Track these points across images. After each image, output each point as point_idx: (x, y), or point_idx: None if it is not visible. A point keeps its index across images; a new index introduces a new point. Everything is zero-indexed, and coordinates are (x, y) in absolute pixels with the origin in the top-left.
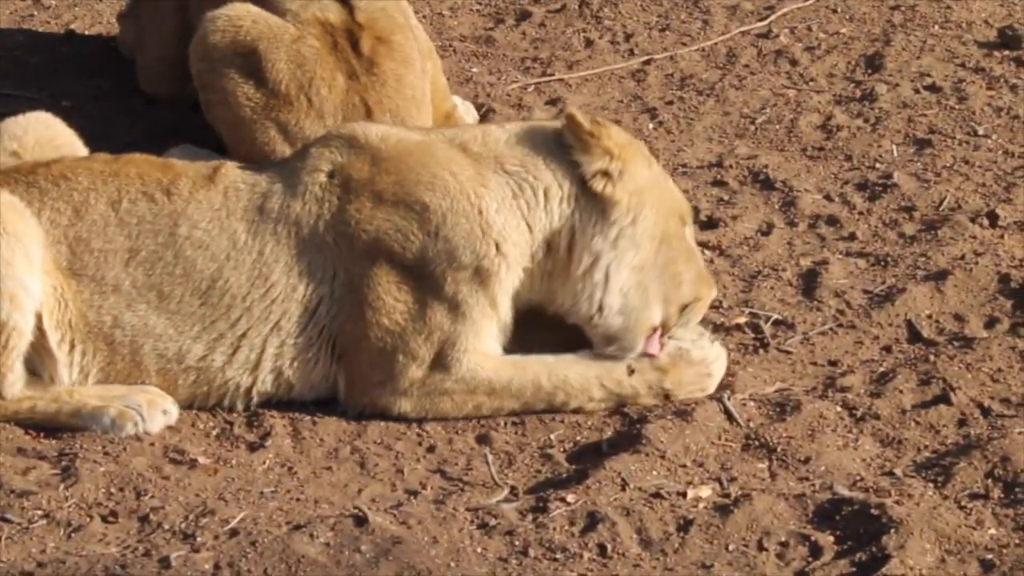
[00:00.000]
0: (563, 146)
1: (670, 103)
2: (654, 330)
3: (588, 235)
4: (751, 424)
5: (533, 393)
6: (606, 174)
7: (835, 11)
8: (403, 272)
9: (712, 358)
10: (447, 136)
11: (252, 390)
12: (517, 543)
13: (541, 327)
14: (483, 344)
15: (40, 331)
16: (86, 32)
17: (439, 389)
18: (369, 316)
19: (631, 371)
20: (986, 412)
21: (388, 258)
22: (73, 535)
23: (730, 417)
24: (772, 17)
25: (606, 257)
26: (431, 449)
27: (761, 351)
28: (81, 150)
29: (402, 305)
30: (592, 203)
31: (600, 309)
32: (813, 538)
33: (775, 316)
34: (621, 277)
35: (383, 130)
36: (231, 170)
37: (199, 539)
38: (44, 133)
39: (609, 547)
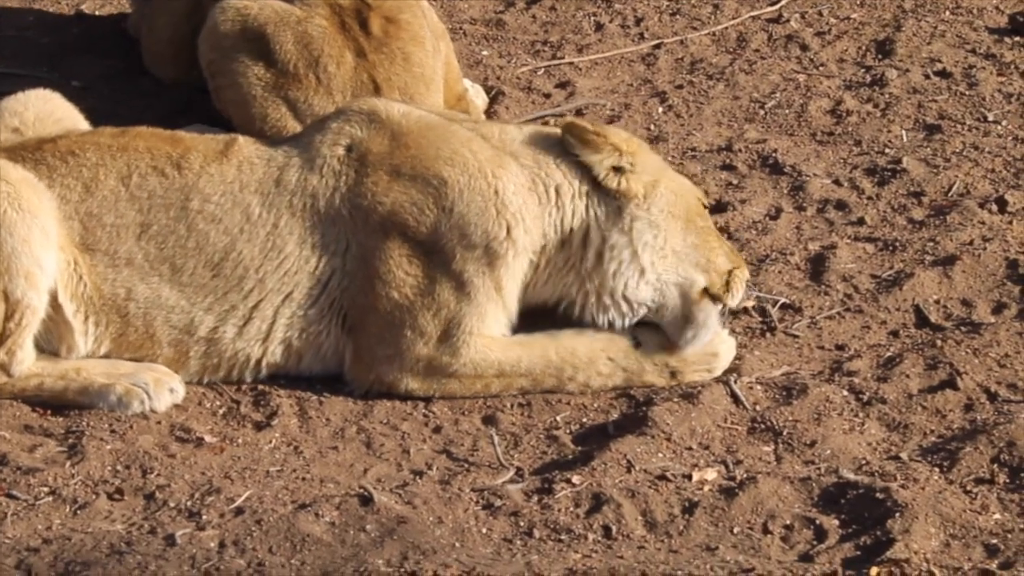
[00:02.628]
0: (568, 151)
1: (680, 87)
2: (704, 293)
3: (606, 229)
4: (757, 407)
5: (542, 369)
6: (618, 169)
7: None
8: (415, 246)
9: (719, 339)
10: (467, 123)
11: (262, 362)
12: (522, 524)
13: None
14: (488, 328)
15: (55, 304)
16: (96, 13)
17: (447, 371)
18: (379, 289)
19: (636, 343)
20: (993, 397)
21: (401, 232)
22: (79, 512)
23: (736, 400)
24: (783, 2)
25: (627, 248)
26: (437, 430)
27: (768, 335)
28: (82, 124)
29: (412, 279)
30: (606, 198)
31: (637, 298)
32: (818, 521)
33: (782, 300)
34: (649, 262)
35: (405, 107)
36: (245, 145)
37: (204, 517)
38: (44, 108)
39: (614, 528)
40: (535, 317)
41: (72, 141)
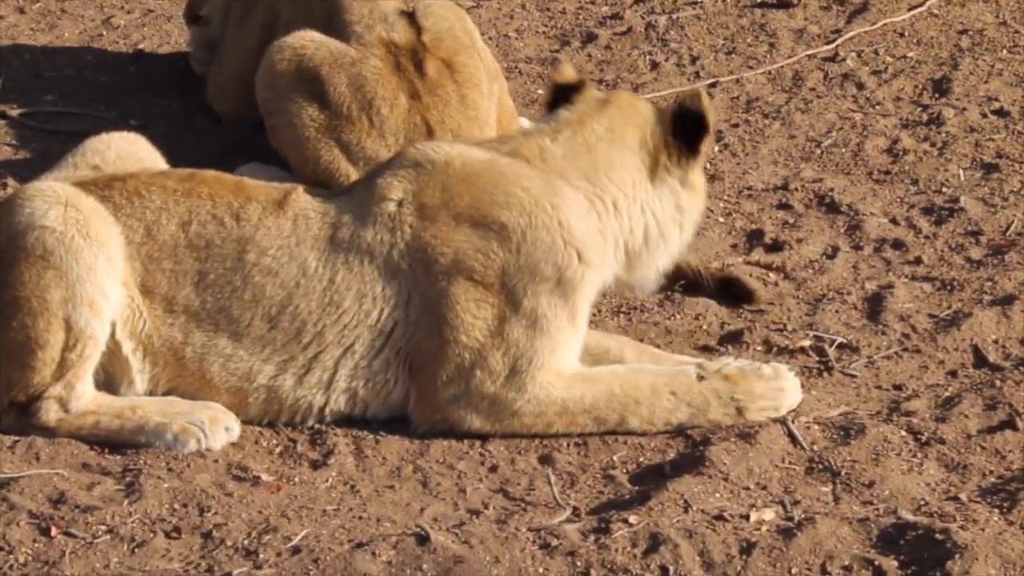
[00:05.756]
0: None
1: (736, 126)
2: None
3: (663, 224)
4: (815, 447)
5: (606, 404)
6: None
7: (902, 35)
8: (484, 290)
9: (785, 376)
10: (506, 153)
11: (325, 409)
12: (579, 564)
13: None
14: (559, 360)
15: (114, 340)
16: (155, 51)
17: (510, 409)
18: (448, 334)
19: (700, 377)
20: None
21: (468, 277)
22: (136, 550)
23: (794, 440)
24: (839, 40)
25: (678, 235)
26: (493, 469)
27: (825, 374)
28: (163, 167)
29: (481, 322)
30: (665, 199)
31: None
32: (877, 563)
33: (840, 339)
34: (688, 237)
35: (444, 153)
36: (301, 196)
37: (261, 556)
38: (126, 148)
39: (671, 569)
40: None
41: (141, 181)
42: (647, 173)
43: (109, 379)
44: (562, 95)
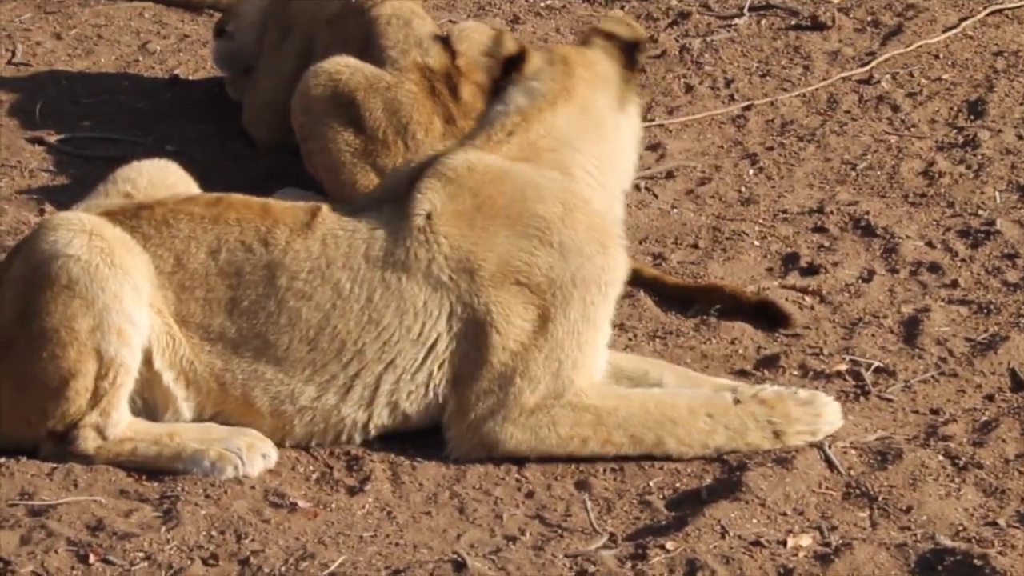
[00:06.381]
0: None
1: (771, 149)
2: None
3: (632, 155)
4: (852, 472)
5: (641, 421)
6: None
7: (937, 57)
8: (531, 291)
9: (822, 401)
10: (516, 148)
11: (369, 425)
12: None
13: None
14: (598, 360)
15: (153, 370)
16: (190, 77)
17: (547, 417)
18: (496, 340)
19: (736, 401)
20: None
21: (515, 280)
22: None
23: (831, 465)
24: (874, 63)
25: (634, 165)
26: (530, 495)
27: (862, 399)
28: (195, 193)
29: (528, 324)
30: (625, 130)
31: None
32: None
33: (876, 363)
34: None
35: (462, 159)
36: (328, 216)
37: None
38: (158, 175)
39: None
40: None
41: (168, 209)
42: (616, 113)
43: (152, 408)
44: (508, 68)
